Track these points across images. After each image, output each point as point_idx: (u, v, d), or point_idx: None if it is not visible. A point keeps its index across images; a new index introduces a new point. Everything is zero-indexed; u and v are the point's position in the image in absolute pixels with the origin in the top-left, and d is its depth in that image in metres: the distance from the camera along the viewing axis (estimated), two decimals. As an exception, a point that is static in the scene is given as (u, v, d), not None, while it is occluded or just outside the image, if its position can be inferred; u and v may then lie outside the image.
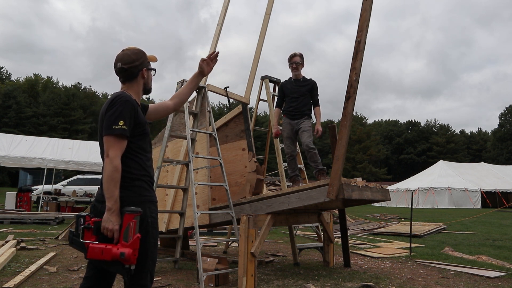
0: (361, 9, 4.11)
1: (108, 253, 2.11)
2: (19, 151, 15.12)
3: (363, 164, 63.07)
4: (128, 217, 2.15)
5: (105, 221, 2.15)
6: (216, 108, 66.49)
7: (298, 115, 5.67)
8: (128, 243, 2.13)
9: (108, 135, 2.22)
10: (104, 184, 2.18)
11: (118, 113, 2.24)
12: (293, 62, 5.76)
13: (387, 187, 16.78)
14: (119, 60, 2.44)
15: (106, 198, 2.16)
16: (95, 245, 2.13)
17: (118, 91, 2.43)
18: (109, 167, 2.17)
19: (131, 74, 2.45)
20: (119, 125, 2.21)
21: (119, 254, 2.10)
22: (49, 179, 18.07)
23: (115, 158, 2.19)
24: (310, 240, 8.64)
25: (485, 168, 33.16)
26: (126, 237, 2.14)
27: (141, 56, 2.48)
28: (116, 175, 2.17)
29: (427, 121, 78.10)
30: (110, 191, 2.16)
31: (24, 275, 4.55)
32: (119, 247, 2.12)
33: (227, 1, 6.08)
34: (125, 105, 2.27)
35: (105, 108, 2.31)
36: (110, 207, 2.15)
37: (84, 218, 2.19)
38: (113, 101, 2.29)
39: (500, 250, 7.66)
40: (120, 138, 2.23)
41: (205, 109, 5.43)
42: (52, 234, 8.72)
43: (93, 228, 2.16)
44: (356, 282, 4.79)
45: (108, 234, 2.15)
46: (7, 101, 52.22)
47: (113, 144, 2.21)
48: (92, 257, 2.14)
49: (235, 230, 4.94)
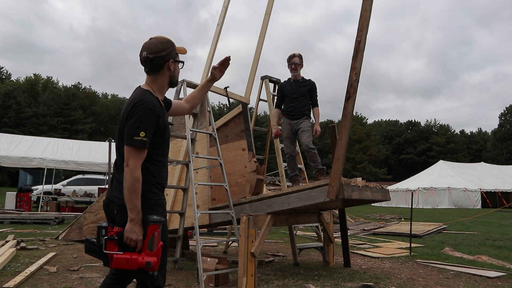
0: (361, 9, 4.11)
1: (134, 263, 2.12)
2: (19, 151, 15.12)
3: (363, 164, 63.06)
4: (153, 228, 2.17)
5: (128, 232, 2.13)
6: (216, 108, 66.49)
7: (298, 115, 5.70)
8: (153, 252, 2.15)
9: (127, 145, 2.19)
10: (126, 195, 2.15)
11: (140, 123, 2.18)
12: (292, 62, 5.78)
13: (387, 187, 16.78)
14: (144, 49, 2.32)
15: (128, 209, 2.15)
16: (120, 256, 2.13)
17: (142, 89, 2.33)
18: (130, 178, 2.15)
19: (156, 65, 2.33)
20: (140, 137, 2.17)
21: (145, 263, 2.12)
22: (49, 179, 18.07)
23: (136, 169, 2.17)
24: (310, 240, 8.64)
25: (485, 168, 33.14)
26: (151, 246, 2.16)
27: (169, 46, 2.36)
28: (137, 186, 2.16)
29: (427, 121, 78.22)
30: (132, 202, 2.14)
31: (24, 275, 4.54)
32: (144, 256, 2.13)
33: (227, 1, 6.08)
34: (147, 113, 2.20)
35: (126, 111, 2.24)
36: (133, 218, 2.14)
37: (106, 229, 2.17)
38: (135, 105, 2.21)
39: (500, 250, 7.66)
40: (140, 149, 2.20)
41: (205, 109, 5.43)
42: (52, 234, 8.71)
43: (117, 239, 2.16)
44: (356, 282, 4.78)
45: (131, 244, 2.14)
46: (7, 101, 52.21)
47: (134, 154, 2.18)
48: (117, 267, 2.14)
49: (235, 230, 4.94)
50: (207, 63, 5.87)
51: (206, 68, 5.82)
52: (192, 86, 5.27)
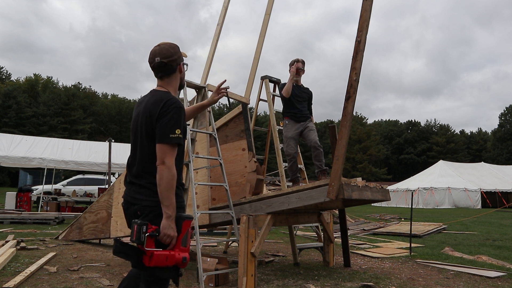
0: (361, 9, 4.11)
1: (172, 259, 2.15)
2: (19, 151, 15.11)
3: (363, 164, 63.07)
4: (187, 224, 2.22)
5: (166, 228, 2.16)
6: (216, 108, 66.52)
7: (303, 117, 5.90)
8: (186, 248, 2.21)
9: (164, 143, 2.21)
10: (163, 192, 2.17)
11: (174, 121, 2.23)
12: (296, 67, 5.85)
13: (387, 187, 16.79)
14: (157, 55, 2.37)
15: (164, 205, 2.17)
16: (160, 252, 2.14)
17: (163, 91, 2.38)
18: (167, 175, 2.17)
19: (170, 69, 2.41)
20: (176, 134, 2.22)
21: (181, 259, 2.17)
22: (49, 179, 18.07)
23: (173, 166, 2.20)
24: (310, 240, 8.64)
25: (485, 168, 33.15)
26: (185, 242, 2.21)
27: (178, 50, 2.45)
28: (174, 183, 2.20)
29: (427, 121, 78.27)
30: (169, 198, 2.18)
31: (24, 275, 4.54)
32: (179, 252, 2.18)
33: (227, 1, 6.07)
34: (180, 112, 2.27)
35: (156, 111, 2.25)
36: (170, 215, 2.18)
37: (147, 226, 2.17)
38: (166, 105, 2.25)
39: (500, 250, 7.66)
40: (176, 146, 2.25)
41: (205, 109, 5.43)
42: (52, 234, 8.71)
43: (156, 236, 2.17)
44: (356, 282, 4.79)
45: (167, 241, 2.17)
46: (7, 101, 52.23)
47: (170, 152, 2.21)
48: (157, 264, 2.14)
49: (235, 230, 4.94)
50: (207, 63, 5.87)
51: (206, 68, 5.81)
52: (192, 86, 5.27)
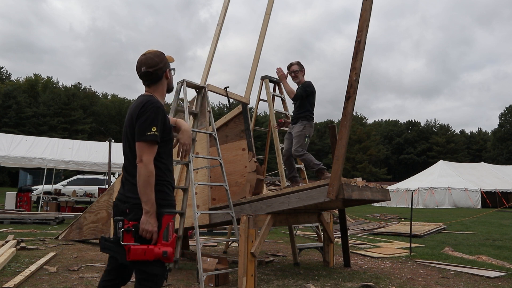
0: (361, 9, 4.11)
1: (150, 253, 2.18)
2: (19, 151, 15.12)
3: (363, 164, 63.06)
4: (168, 218, 2.27)
5: (144, 223, 2.22)
6: (216, 108, 66.49)
7: (294, 120, 5.78)
8: (168, 242, 2.23)
9: (141, 141, 2.29)
10: (141, 188, 2.24)
11: (151, 120, 2.30)
12: (292, 71, 5.83)
13: (387, 187, 16.79)
14: (143, 64, 2.46)
15: (143, 201, 2.24)
16: (137, 247, 2.18)
17: (146, 95, 2.47)
18: (144, 172, 2.25)
19: (156, 77, 2.49)
20: (152, 131, 2.28)
21: (161, 253, 2.19)
22: (49, 179, 18.07)
23: (150, 163, 2.27)
24: (310, 240, 8.64)
25: (485, 168, 33.14)
26: (166, 236, 2.24)
27: (163, 57, 2.53)
28: (151, 180, 2.26)
29: (427, 121, 78.21)
30: (147, 195, 2.24)
31: (24, 275, 4.54)
32: (160, 246, 2.21)
33: (227, 1, 6.08)
34: (157, 111, 2.34)
35: (136, 112, 2.35)
36: (148, 210, 2.23)
37: (123, 222, 2.24)
38: (144, 106, 2.34)
39: (500, 250, 7.67)
40: (153, 144, 2.31)
41: (205, 109, 5.43)
42: (52, 234, 8.72)
43: (133, 231, 2.21)
44: (356, 282, 4.79)
45: (147, 236, 2.22)
46: (7, 101, 52.20)
47: (147, 150, 2.28)
48: (135, 259, 2.18)
49: (235, 230, 4.94)
50: (207, 63, 5.87)
51: (206, 68, 5.82)
52: (192, 86, 5.28)
